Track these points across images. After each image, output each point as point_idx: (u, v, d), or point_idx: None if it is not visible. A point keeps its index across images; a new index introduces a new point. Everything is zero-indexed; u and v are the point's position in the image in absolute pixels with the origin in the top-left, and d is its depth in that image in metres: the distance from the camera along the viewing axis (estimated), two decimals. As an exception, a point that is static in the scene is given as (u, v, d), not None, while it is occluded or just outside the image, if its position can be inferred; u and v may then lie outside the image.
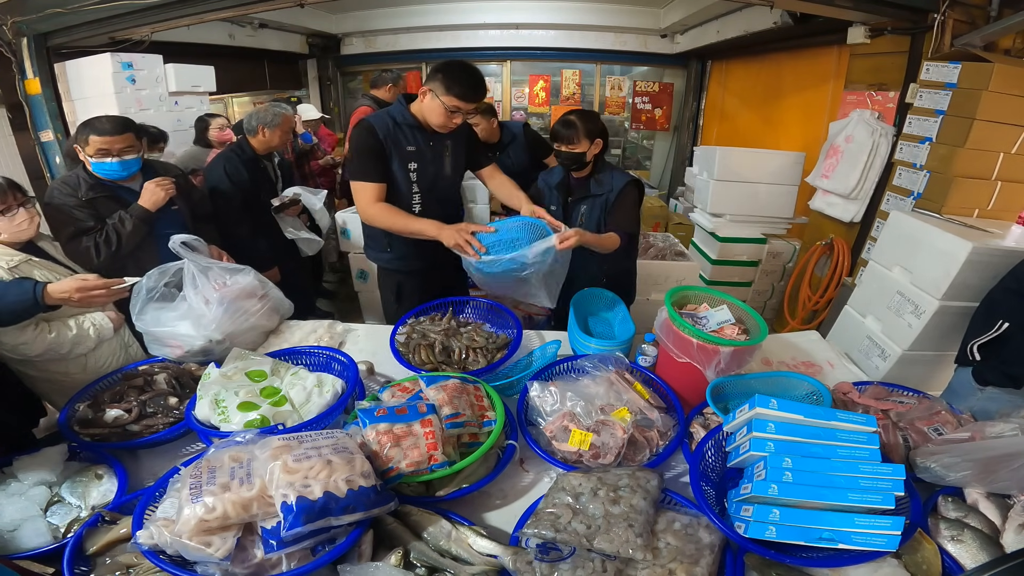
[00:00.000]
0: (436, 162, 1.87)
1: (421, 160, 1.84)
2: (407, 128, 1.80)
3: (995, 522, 1.05)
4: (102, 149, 1.77)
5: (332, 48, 6.13)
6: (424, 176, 1.86)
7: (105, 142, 1.77)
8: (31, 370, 1.57)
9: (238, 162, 2.50)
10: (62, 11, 2.82)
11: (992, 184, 2.32)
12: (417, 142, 1.82)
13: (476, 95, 1.70)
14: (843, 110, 3.25)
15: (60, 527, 1.06)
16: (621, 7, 5.33)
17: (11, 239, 1.51)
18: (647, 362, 1.52)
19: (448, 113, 1.70)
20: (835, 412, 1.05)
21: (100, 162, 1.79)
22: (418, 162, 1.84)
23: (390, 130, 1.79)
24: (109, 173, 1.83)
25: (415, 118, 1.79)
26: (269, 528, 0.89)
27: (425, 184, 1.87)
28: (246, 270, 1.71)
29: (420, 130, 1.81)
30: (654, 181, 6.32)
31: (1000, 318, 1.58)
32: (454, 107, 1.69)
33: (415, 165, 1.84)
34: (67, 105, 3.21)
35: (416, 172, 1.84)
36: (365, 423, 1.11)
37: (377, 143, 1.78)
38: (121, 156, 1.81)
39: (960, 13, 2.44)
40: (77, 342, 1.57)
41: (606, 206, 1.90)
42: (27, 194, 1.54)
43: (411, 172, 1.84)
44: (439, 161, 1.88)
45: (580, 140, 1.82)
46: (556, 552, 0.93)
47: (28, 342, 1.47)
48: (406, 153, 1.82)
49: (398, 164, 1.83)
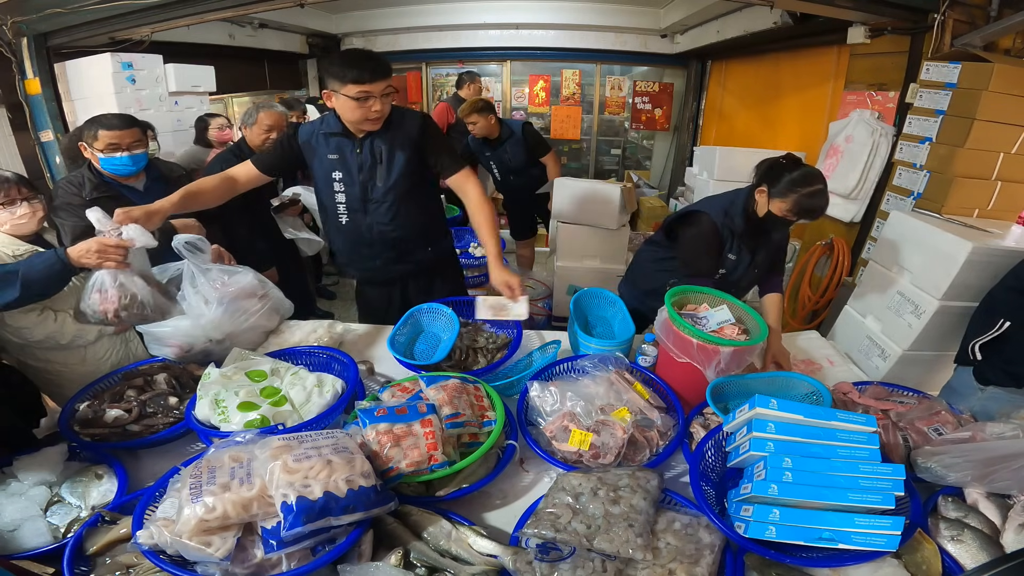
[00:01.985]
0: (365, 171, 1.70)
1: (345, 169, 1.70)
2: (329, 136, 1.68)
3: (995, 522, 1.05)
4: (112, 143, 1.78)
5: (332, 48, 6.13)
6: (351, 187, 1.72)
7: (115, 136, 1.78)
8: (31, 359, 1.58)
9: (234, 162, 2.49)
10: (62, 11, 2.82)
11: (992, 184, 2.32)
12: (340, 149, 1.69)
13: (375, 72, 1.51)
14: (843, 110, 3.25)
15: (60, 527, 1.06)
16: (621, 7, 5.33)
17: (13, 231, 1.52)
18: (647, 362, 1.52)
19: (359, 104, 1.53)
20: (835, 412, 1.05)
21: (111, 157, 1.79)
22: (342, 171, 1.71)
23: (313, 135, 1.70)
24: (119, 168, 1.83)
25: (342, 125, 1.66)
26: (269, 528, 0.89)
27: (354, 196, 1.73)
28: (246, 270, 1.71)
29: (345, 136, 1.68)
30: (654, 181, 6.32)
31: (1001, 317, 1.58)
32: (361, 93, 1.52)
33: (339, 174, 1.71)
34: (67, 105, 3.21)
35: (342, 183, 1.72)
36: (365, 423, 1.11)
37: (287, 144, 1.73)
38: (131, 150, 1.82)
39: (960, 13, 2.43)
40: (78, 334, 1.58)
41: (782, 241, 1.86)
42: (35, 190, 1.55)
43: (336, 182, 1.72)
44: (369, 170, 1.70)
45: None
46: (556, 552, 0.93)
47: (30, 327, 1.48)
48: (328, 161, 1.70)
49: (320, 173, 1.73)
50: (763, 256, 1.80)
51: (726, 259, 1.76)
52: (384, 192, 1.73)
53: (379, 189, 1.72)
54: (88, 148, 1.81)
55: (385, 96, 1.56)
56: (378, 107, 1.56)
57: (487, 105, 3.22)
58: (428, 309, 1.72)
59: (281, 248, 2.68)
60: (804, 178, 1.55)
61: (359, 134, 1.68)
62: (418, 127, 1.70)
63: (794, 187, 1.55)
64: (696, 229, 1.76)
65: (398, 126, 1.69)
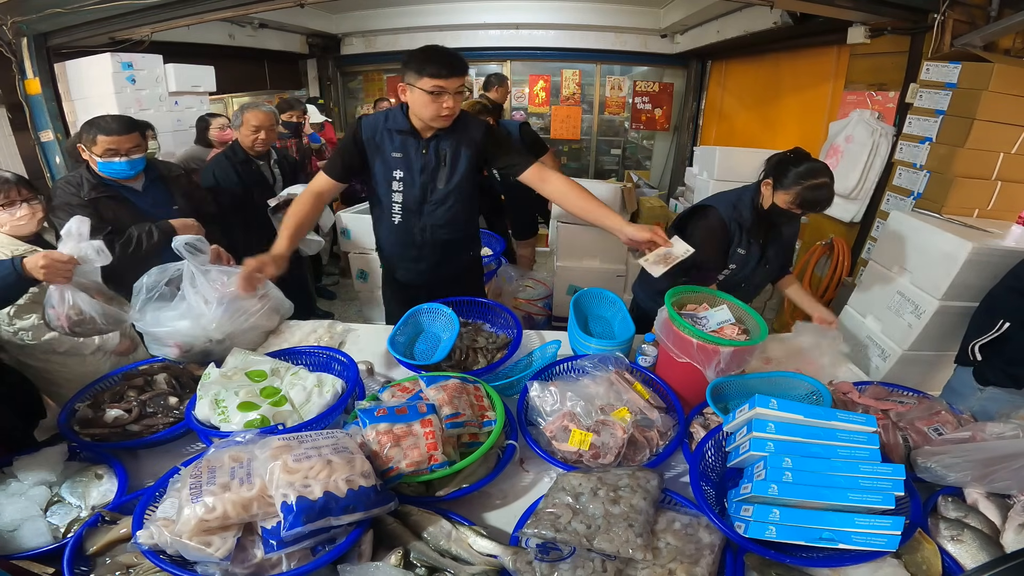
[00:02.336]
0: (428, 172, 1.70)
1: (407, 168, 1.69)
2: (396, 133, 1.66)
3: (995, 522, 1.05)
4: (111, 149, 1.78)
5: (332, 48, 6.14)
6: (410, 187, 1.72)
7: (113, 142, 1.77)
8: (31, 360, 1.57)
9: (228, 165, 2.50)
10: (62, 11, 2.82)
11: (992, 184, 2.32)
12: (406, 148, 1.67)
13: (453, 68, 1.52)
14: (843, 110, 3.25)
15: (60, 527, 1.06)
16: (621, 7, 5.33)
17: (12, 232, 1.52)
18: (647, 362, 1.52)
19: (433, 98, 1.53)
20: (835, 412, 1.05)
21: (108, 162, 1.79)
22: (404, 170, 1.69)
23: (377, 131, 1.67)
24: (117, 173, 1.83)
25: (409, 123, 1.65)
26: (269, 528, 0.89)
27: (411, 197, 1.73)
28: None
29: (412, 135, 1.67)
30: (654, 181, 6.32)
31: (1001, 318, 1.59)
32: (435, 88, 1.52)
33: (400, 173, 1.70)
34: (67, 105, 3.21)
35: (402, 182, 1.71)
36: (365, 423, 1.11)
37: (353, 143, 1.69)
38: (129, 155, 1.82)
39: (960, 13, 2.44)
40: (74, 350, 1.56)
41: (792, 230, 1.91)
42: (35, 191, 1.55)
43: (395, 181, 1.71)
44: (432, 171, 1.70)
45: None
46: (556, 552, 0.93)
47: (28, 329, 1.47)
48: (391, 159, 1.68)
49: (381, 170, 1.70)
50: (773, 253, 1.82)
51: (736, 254, 1.78)
52: (444, 195, 1.73)
53: (439, 191, 1.73)
54: (86, 151, 1.80)
55: (458, 94, 1.56)
56: (450, 103, 1.55)
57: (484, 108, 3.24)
58: (428, 309, 1.72)
59: (280, 249, 2.67)
60: (809, 171, 1.57)
61: (426, 133, 1.66)
62: (483, 131, 1.72)
63: (798, 180, 1.57)
64: (704, 223, 1.78)
65: (463, 129, 1.70)
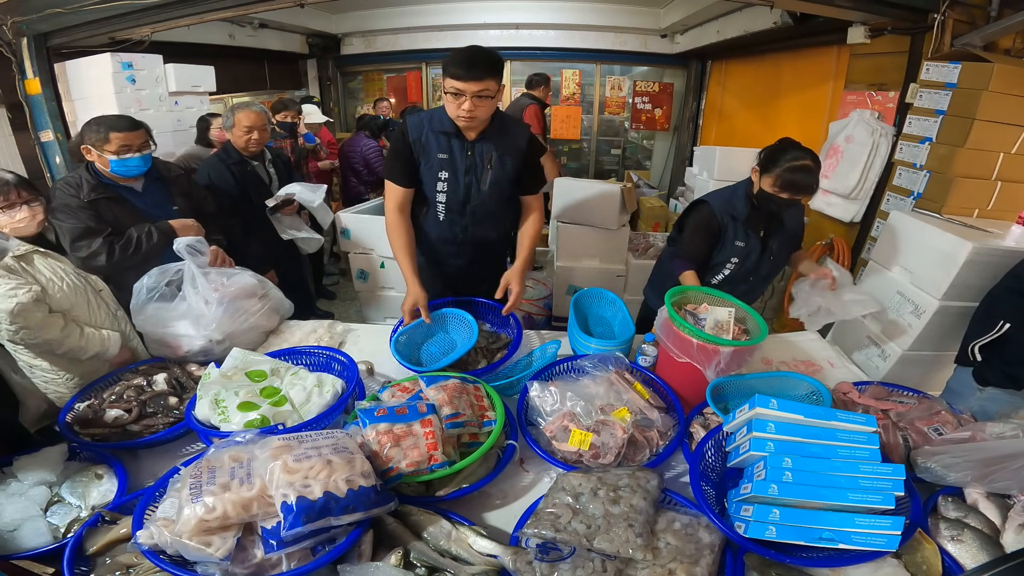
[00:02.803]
0: (472, 173, 1.71)
1: (452, 169, 1.70)
2: (441, 134, 1.66)
3: (995, 522, 1.05)
4: (125, 145, 1.78)
5: (332, 48, 6.14)
6: (454, 188, 1.73)
7: (127, 138, 1.79)
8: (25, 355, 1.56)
9: (222, 167, 2.49)
10: (62, 11, 2.82)
11: (992, 184, 2.32)
12: (451, 150, 1.68)
13: (470, 71, 1.49)
14: (843, 110, 3.25)
15: (60, 527, 1.06)
16: (621, 7, 5.33)
17: (13, 234, 1.52)
18: (647, 362, 1.52)
19: (452, 98, 1.53)
20: (835, 412, 1.05)
21: (122, 158, 1.79)
22: (449, 171, 1.70)
23: (423, 132, 1.67)
24: (129, 169, 1.84)
25: (453, 124, 1.63)
26: (269, 528, 0.89)
27: (455, 197, 1.74)
28: (244, 271, 1.71)
29: (457, 137, 1.66)
30: (654, 181, 6.32)
31: (1001, 319, 1.58)
32: (452, 89, 1.51)
33: (445, 174, 1.70)
34: (67, 105, 3.21)
35: (446, 182, 1.72)
36: (365, 423, 1.11)
37: (404, 145, 1.68)
38: (140, 151, 1.83)
39: (960, 13, 2.44)
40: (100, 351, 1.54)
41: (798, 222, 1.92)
42: (36, 192, 1.54)
43: (440, 182, 1.71)
44: (476, 173, 1.71)
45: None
46: (556, 552, 0.93)
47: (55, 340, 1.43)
48: (437, 160, 1.69)
49: (427, 171, 1.71)
50: (778, 244, 1.86)
51: (734, 247, 1.82)
52: (486, 196, 1.75)
53: (482, 193, 1.74)
54: (94, 151, 1.80)
55: (480, 98, 1.52)
56: (467, 106, 1.53)
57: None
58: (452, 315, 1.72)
59: (279, 249, 2.67)
60: (792, 156, 1.63)
61: (470, 135, 1.67)
62: (527, 140, 1.75)
63: (781, 163, 1.63)
64: (693, 214, 1.89)
65: (508, 134, 1.71)
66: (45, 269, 1.47)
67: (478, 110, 1.55)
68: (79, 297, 1.53)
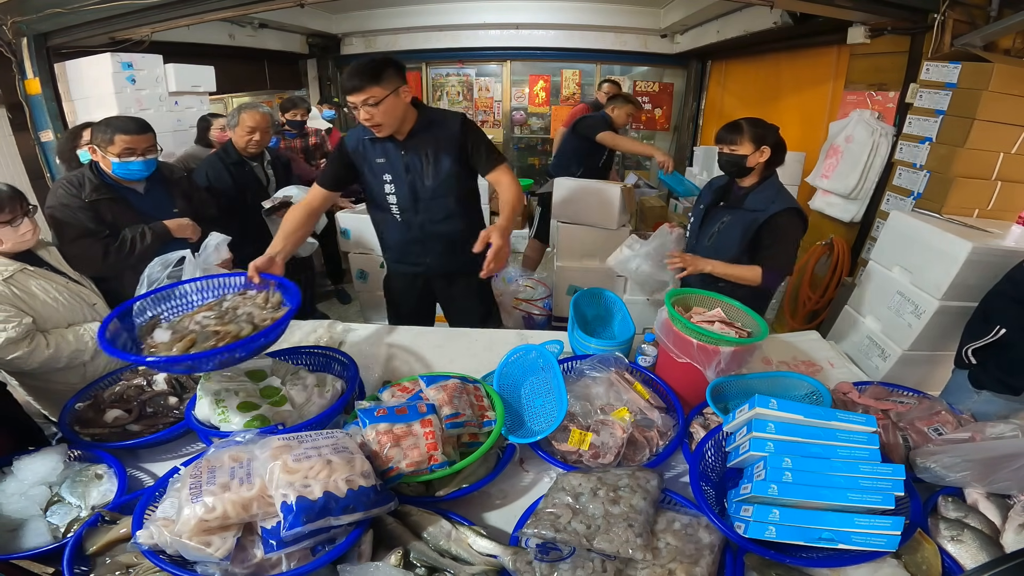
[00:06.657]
0: (413, 172, 1.78)
1: (393, 171, 1.78)
2: (374, 141, 1.75)
3: (995, 522, 1.05)
4: (129, 148, 1.78)
5: (332, 48, 6.14)
6: (401, 188, 1.80)
7: (133, 141, 1.78)
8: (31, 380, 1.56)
9: (221, 166, 2.49)
10: (62, 11, 2.82)
11: (992, 184, 2.32)
12: (387, 153, 1.76)
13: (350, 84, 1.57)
14: (843, 110, 3.25)
15: (60, 527, 1.06)
16: (621, 7, 5.34)
17: (13, 249, 1.49)
18: (647, 362, 1.52)
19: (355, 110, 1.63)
20: (835, 412, 1.05)
21: (126, 161, 1.79)
22: (391, 173, 1.79)
23: (360, 142, 1.76)
24: (132, 173, 1.83)
25: None
26: (269, 528, 0.89)
27: (405, 197, 1.82)
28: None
29: (389, 141, 1.75)
30: (654, 181, 6.31)
31: (997, 323, 1.57)
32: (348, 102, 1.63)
33: (389, 176, 1.79)
34: (67, 105, 3.21)
35: (393, 184, 1.80)
36: (365, 423, 1.11)
37: (342, 155, 1.79)
38: (145, 156, 1.83)
39: (960, 13, 2.44)
40: (74, 356, 1.54)
41: (751, 228, 1.76)
42: (29, 203, 1.53)
43: (387, 184, 1.80)
44: (417, 170, 1.78)
45: (743, 143, 1.76)
46: (556, 552, 0.93)
47: (23, 356, 1.44)
48: (377, 166, 1.78)
49: (372, 177, 1.79)
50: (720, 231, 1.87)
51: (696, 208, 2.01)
52: (433, 190, 1.80)
53: (428, 188, 1.80)
54: (99, 151, 1.79)
55: (370, 105, 1.59)
56: (363, 115, 1.61)
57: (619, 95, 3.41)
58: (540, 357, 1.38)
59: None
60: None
61: (400, 137, 1.74)
62: (458, 124, 1.78)
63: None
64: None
65: (440, 126, 1.76)
66: (39, 292, 1.47)
67: (376, 116, 1.61)
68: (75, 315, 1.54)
